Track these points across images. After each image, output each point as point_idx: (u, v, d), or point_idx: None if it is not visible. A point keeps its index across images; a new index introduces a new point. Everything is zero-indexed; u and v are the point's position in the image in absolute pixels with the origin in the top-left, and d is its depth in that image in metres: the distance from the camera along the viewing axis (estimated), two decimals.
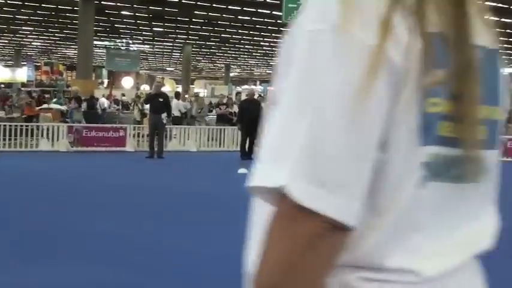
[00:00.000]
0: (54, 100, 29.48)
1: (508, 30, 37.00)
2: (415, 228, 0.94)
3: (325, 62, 0.88)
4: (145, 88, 50.35)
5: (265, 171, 0.91)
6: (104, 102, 27.68)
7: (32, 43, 57.02)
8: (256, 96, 24.07)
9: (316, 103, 0.88)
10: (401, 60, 0.88)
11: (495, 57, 1.02)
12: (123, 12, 38.64)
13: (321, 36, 0.89)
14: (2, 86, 47.72)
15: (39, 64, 60.21)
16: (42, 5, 36.95)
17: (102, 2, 34.49)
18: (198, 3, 35.91)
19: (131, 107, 32.41)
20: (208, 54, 63.46)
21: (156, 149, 18.82)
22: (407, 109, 0.90)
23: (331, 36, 0.88)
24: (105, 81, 56.48)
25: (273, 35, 47.52)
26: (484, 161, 0.99)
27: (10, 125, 19.99)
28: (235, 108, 23.97)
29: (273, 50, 57.73)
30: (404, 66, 0.88)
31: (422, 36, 0.89)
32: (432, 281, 0.95)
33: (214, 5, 36.05)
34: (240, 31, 46.10)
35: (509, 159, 21.57)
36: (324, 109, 0.87)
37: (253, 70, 76.37)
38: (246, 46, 55.54)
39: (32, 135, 20.20)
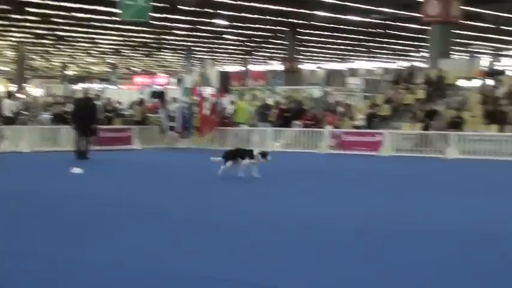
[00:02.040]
0: None
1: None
2: None
3: None
4: None
5: None
6: None
7: None
8: (91, 95, 23.71)
9: None
10: None
11: None
12: None
13: None
14: None
15: None
16: None
17: None
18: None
19: None
20: (44, 53, 61.70)
21: None
22: None
23: None
24: None
25: (111, 32, 47.02)
26: None
27: None
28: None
29: (110, 48, 57.09)
30: None
31: None
32: None
33: (48, 2, 35.22)
34: (76, 29, 45.24)
35: (347, 152, 22.75)
36: None
37: (90, 68, 74.98)
38: (83, 44, 54.52)
39: None
